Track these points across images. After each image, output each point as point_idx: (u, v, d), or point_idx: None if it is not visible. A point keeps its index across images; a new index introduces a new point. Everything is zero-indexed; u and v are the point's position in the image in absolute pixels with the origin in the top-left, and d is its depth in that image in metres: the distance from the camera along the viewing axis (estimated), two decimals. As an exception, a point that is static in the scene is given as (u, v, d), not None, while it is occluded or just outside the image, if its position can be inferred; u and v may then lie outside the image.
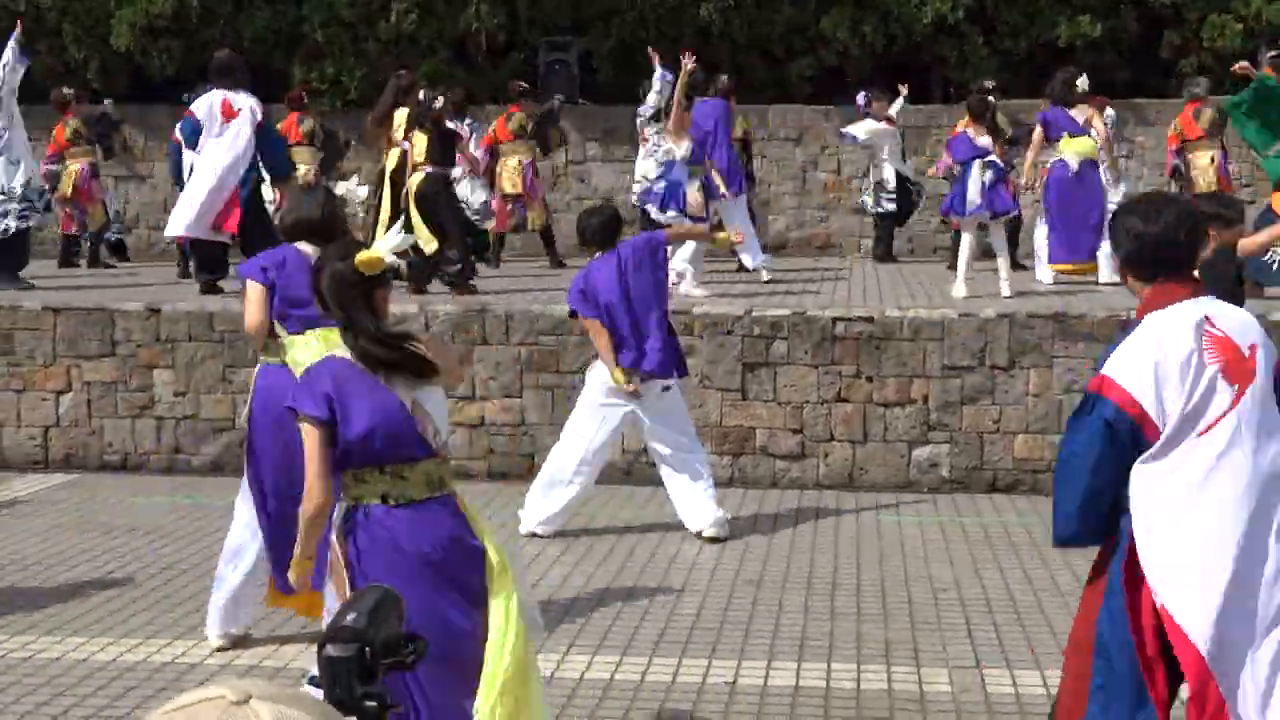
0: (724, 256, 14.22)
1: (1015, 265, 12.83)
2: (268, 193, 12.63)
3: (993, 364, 10.65)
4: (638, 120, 13.89)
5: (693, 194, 12.51)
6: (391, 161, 12.51)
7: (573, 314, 9.05)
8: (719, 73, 14.34)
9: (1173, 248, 4.50)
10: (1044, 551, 8.85)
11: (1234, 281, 7.20)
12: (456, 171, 12.75)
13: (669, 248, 10.43)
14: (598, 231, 8.97)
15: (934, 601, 7.77)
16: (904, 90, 15.69)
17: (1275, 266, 11.93)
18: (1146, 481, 4.31)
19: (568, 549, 8.91)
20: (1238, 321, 4.47)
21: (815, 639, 7.13)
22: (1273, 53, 16.81)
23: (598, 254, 8.92)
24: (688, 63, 12.42)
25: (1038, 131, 12.99)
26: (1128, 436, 4.33)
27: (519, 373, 11.05)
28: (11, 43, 12.67)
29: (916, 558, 8.72)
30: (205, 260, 12.41)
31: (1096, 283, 12.56)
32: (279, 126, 13.98)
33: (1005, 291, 11.71)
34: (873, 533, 9.37)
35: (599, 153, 17.28)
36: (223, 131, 11.77)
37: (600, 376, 8.92)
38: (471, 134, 14.48)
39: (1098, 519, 4.44)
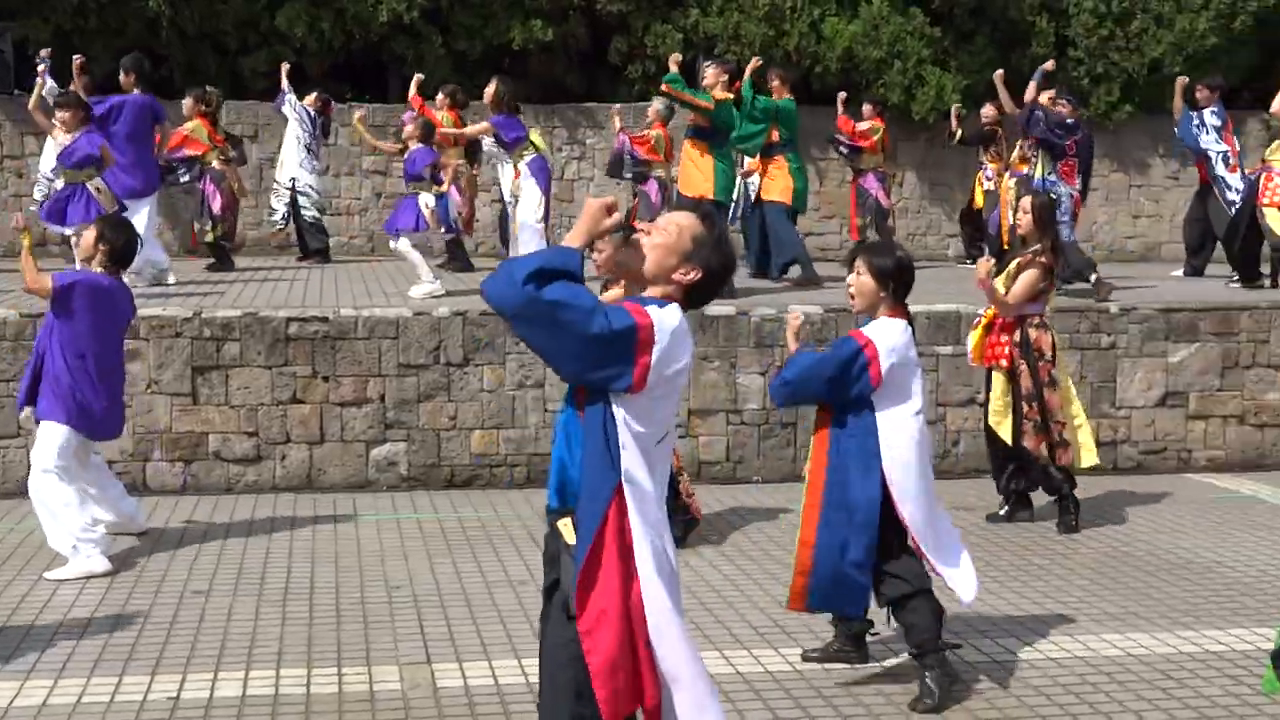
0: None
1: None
2: None
3: (448, 361, 10.75)
4: None
5: None
6: None
7: None
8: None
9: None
10: (498, 545, 9.01)
11: None
12: None
13: None
14: None
15: (388, 600, 7.75)
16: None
17: None
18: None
19: (4, 564, 8.35)
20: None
21: (265, 646, 6.96)
22: (708, 62, 17.88)
23: None
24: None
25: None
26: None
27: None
28: None
29: (373, 557, 8.69)
30: None
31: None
32: None
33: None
34: (329, 534, 9.26)
35: (36, 147, 16.29)
36: None
37: None
38: None
39: None
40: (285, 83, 15.40)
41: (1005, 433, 9.29)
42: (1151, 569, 8.53)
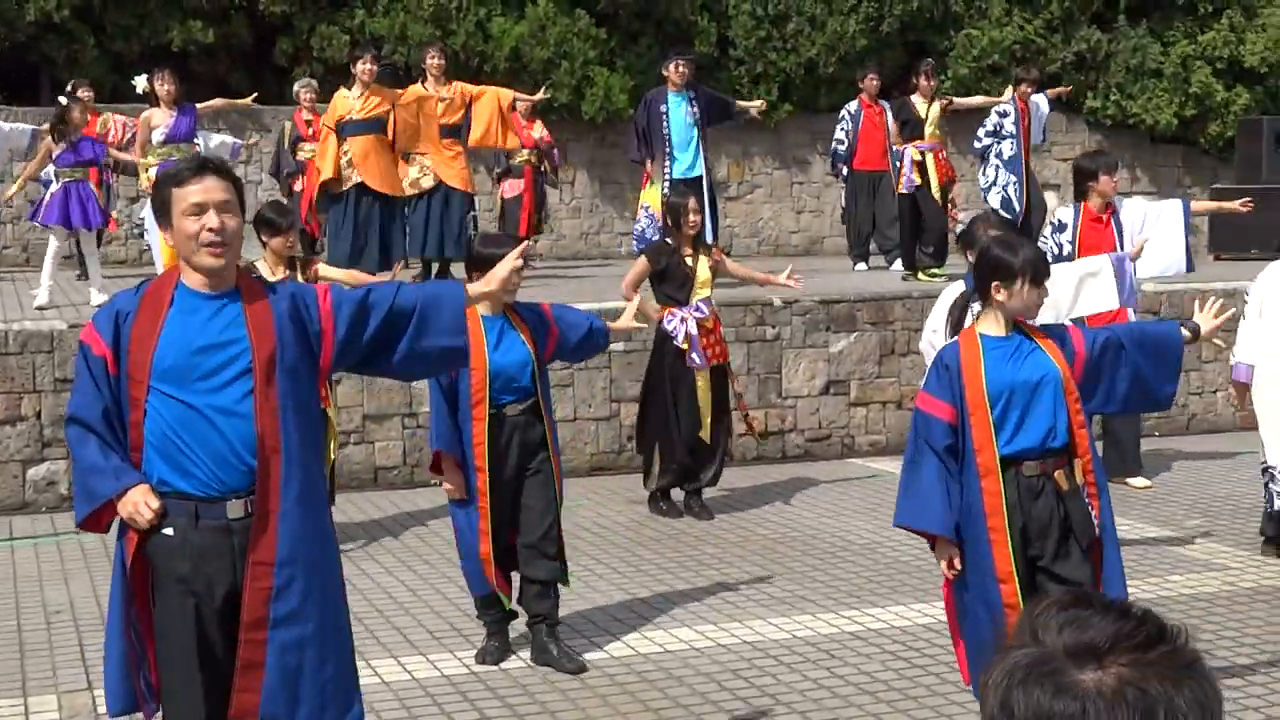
0: None
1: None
2: None
3: (108, 374, 10.34)
4: None
5: None
6: None
7: None
8: None
9: None
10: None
11: None
12: None
13: None
14: None
15: (46, 626, 7.43)
16: None
17: None
18: None
19: None
20: None
21: (-90, 683, 6.59)
22: (384, 62, 17.73)
23: None
24: None
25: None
26: None
27: None
28: None
29: (30, 581, 8.30)
30: None
31: None
32: None
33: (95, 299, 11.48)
34: (-17, 560, 8.82)
35: None
36: None
37: None
38: None
39: None
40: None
41: (706, 433, 9.48)
42: (817, 552, 8.84)
